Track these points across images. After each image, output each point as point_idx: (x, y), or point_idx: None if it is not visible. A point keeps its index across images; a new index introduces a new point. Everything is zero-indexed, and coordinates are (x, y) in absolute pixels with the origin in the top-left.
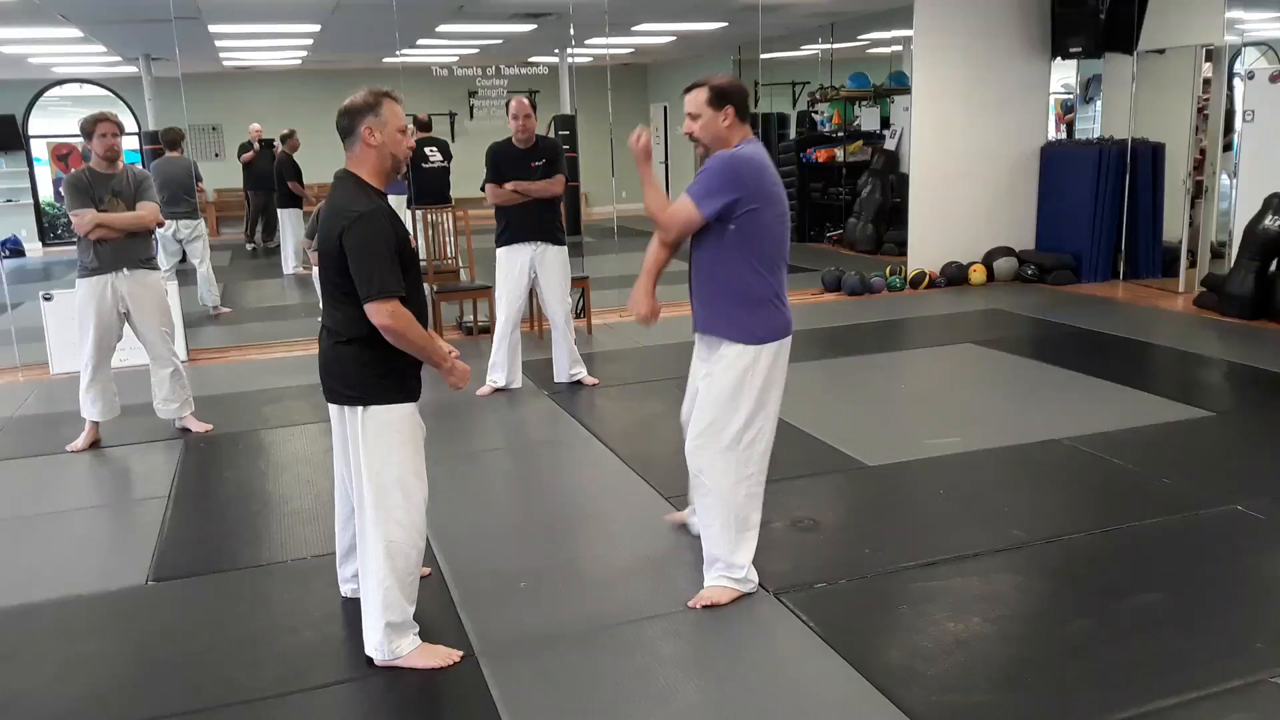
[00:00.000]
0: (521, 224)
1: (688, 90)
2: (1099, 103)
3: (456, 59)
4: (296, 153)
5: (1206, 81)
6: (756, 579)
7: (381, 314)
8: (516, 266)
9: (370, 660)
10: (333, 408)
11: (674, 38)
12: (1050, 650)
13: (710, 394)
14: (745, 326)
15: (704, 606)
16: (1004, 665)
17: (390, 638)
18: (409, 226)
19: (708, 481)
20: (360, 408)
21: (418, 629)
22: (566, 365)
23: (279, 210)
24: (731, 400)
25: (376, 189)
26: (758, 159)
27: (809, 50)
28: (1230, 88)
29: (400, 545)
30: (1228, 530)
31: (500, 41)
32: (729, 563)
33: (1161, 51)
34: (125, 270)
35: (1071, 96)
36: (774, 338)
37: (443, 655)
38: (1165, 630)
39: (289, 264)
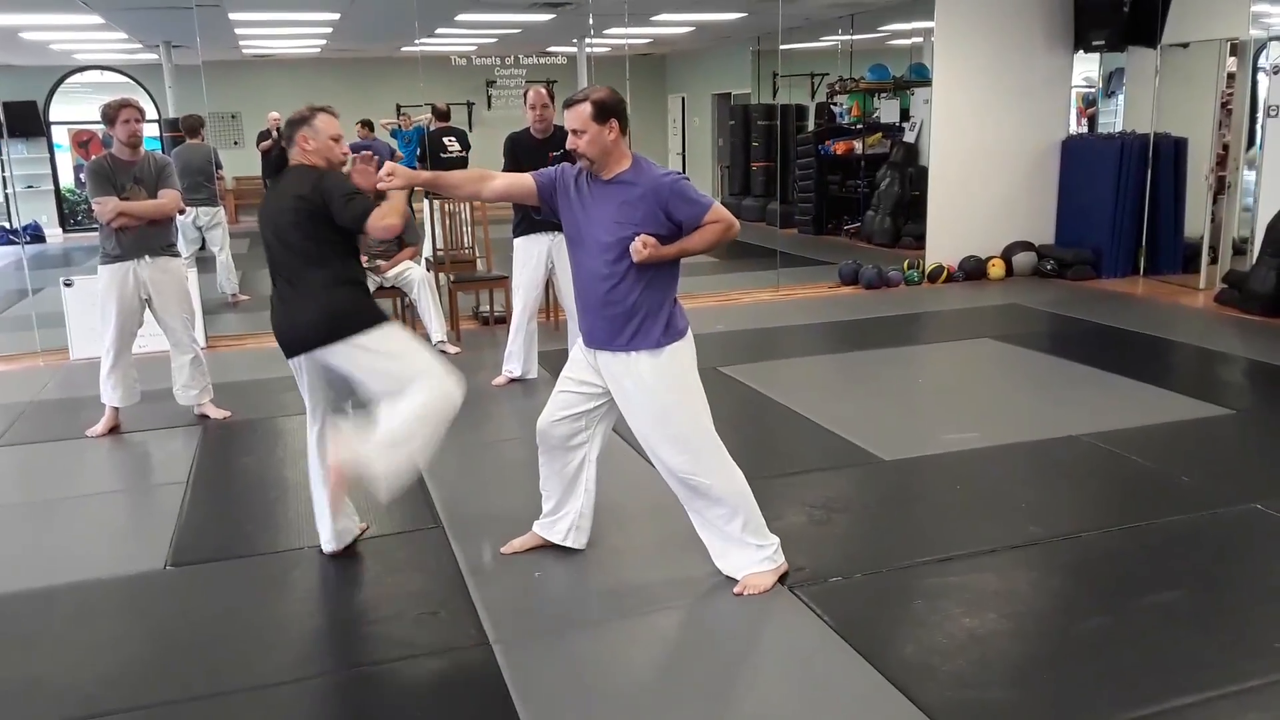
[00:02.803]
0: (538, 214)
1: (568, 105)
2: (1121, 96)
3: (475, 48)
4: None
5: (1231, 76)
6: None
7: (385, 222)
8: (533, 257)
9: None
10: (327, 352)
11: (693, 28)
12: (1066, 648)
13: (661, 414)
14: (668, 328)
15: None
16: (1020, 662)
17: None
18: (425, 217)
19: (716, 491)
20: (370, 330)
21: None
22: None
23: None
24: (683, 407)
25: None
26: None
27: (828, 41)
28: (1255, 82)
29: (437, 406)
30: (1247, 529)
31: (519, 31)
32: (758, 545)
33: (1185, 45)
34: (147, 257)
35: (1093, 90)
36: (686, 327)
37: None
38: (1183, 629)
39: None
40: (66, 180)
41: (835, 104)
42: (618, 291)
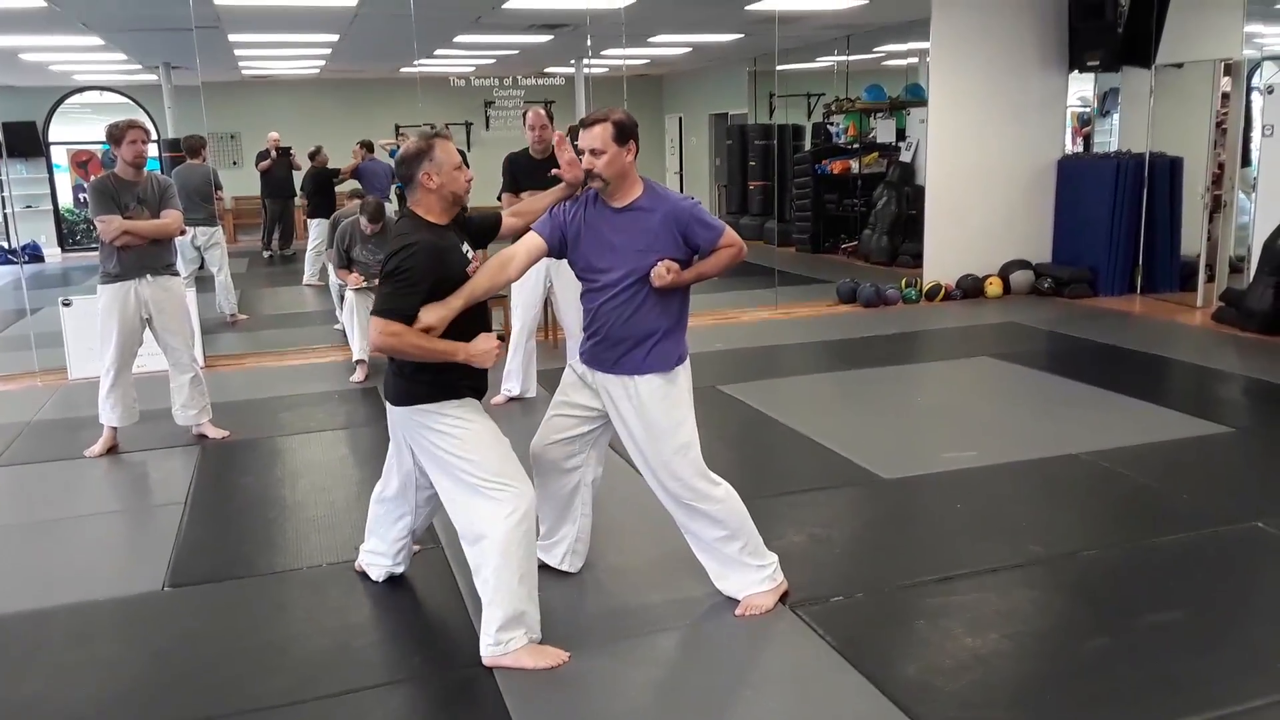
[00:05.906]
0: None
1: (586, 125)
2: (1116, 116)
3: (473, 69)
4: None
5: (1225, 96)
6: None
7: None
8: (532, 276)
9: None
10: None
11: (690, 49)
12: (1069, 668)
13: (659, 438)
14: (676, 353)
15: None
16: (1022, 682)
17: (503, 633)
18: None
19: (714, 513)
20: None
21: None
22: None
23: (309, 220)
24: (682, 431)
25: (436, 223)
26: None
27: (825, 62)
28: (1249, 102)
29: (517, 533)
30: (1248, 547)
31: (517, 52)
32: (758, 565)
33: (1179, 65)
34: (149, 276)
35: (1088, 110)
36: (687, 352)
37: (552, 656)
38: (1185, 648)
39: (307, 273)
40: (65, 200)
41: (832, 124)
42: (635, 316)
